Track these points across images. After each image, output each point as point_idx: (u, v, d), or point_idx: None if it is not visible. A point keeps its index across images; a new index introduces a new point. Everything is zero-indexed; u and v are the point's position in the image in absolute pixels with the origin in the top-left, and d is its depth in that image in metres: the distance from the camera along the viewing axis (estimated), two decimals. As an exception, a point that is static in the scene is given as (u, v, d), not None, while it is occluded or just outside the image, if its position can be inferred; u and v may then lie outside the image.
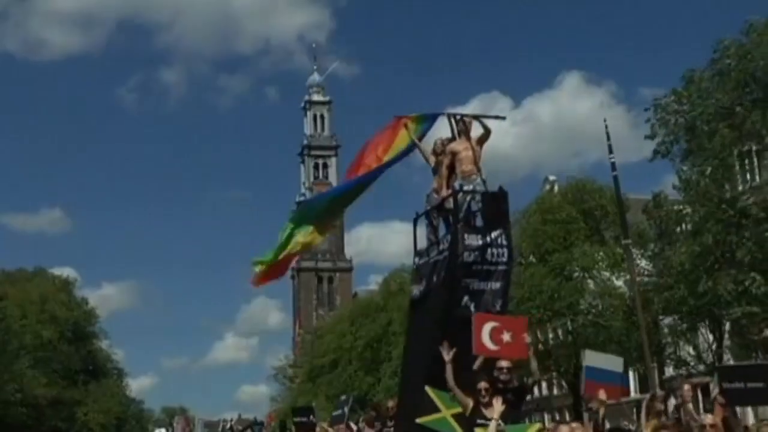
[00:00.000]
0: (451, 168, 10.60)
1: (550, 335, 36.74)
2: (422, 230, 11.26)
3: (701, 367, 27.68)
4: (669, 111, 20.98)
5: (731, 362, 27.98)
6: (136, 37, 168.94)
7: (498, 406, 8.02)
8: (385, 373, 44.35)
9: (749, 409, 20.15)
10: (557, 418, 48.30)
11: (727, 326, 25.20)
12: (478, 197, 10.29)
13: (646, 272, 27.52)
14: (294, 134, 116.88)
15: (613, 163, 20.77)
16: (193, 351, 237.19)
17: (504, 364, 8.60)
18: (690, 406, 9.58)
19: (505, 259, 10.21)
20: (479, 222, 10.31)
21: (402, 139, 11.40)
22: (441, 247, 10.49)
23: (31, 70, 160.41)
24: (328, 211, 12.23)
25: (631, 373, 36.19)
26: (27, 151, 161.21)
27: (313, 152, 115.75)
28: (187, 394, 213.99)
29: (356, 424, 12.90)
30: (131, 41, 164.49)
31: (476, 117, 10.71)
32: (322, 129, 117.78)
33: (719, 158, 20.43)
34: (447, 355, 8.76)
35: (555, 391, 46.47)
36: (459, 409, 8.55)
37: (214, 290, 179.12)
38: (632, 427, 11.89)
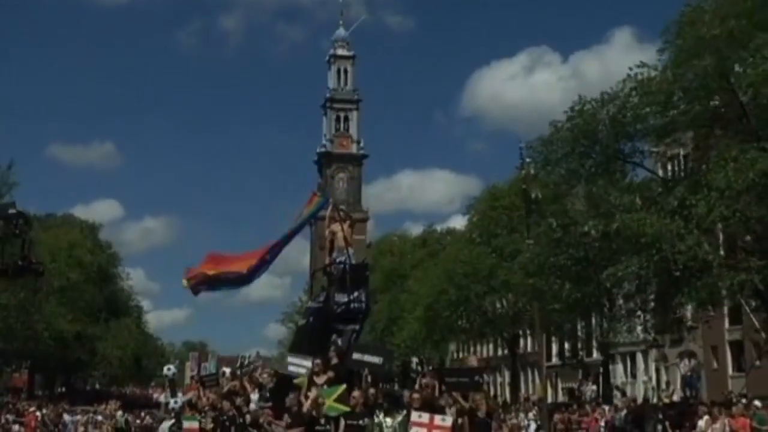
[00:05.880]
0: (332, 242, 15.69)
1: (497, 306, 42.29)
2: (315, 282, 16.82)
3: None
4: (536, 151, 26.92)
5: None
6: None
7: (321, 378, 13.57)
8: (364, 330, 49.97)
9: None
10: (498, 375, 55.41)
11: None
12: (347, 266, 15.23)
13: None
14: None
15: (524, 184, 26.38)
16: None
17: (332, 356, 14.05)
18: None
19: (363, 311, 15.35)
20: (347, 284, 15.13)
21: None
22: (320, 298, 15.82)
23: (93, 11, 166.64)
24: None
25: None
26: (86, 87, 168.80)
27: (335, 105, 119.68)
28: (218, 328, 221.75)
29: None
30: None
31: (348, 215, 16.05)
32: (345, 83, 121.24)
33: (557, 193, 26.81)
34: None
35: (499, 353, 52.64)
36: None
37: (251, 229, 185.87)
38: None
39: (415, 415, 11.82)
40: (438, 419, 11.75)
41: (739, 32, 21.56)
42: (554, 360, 50.98)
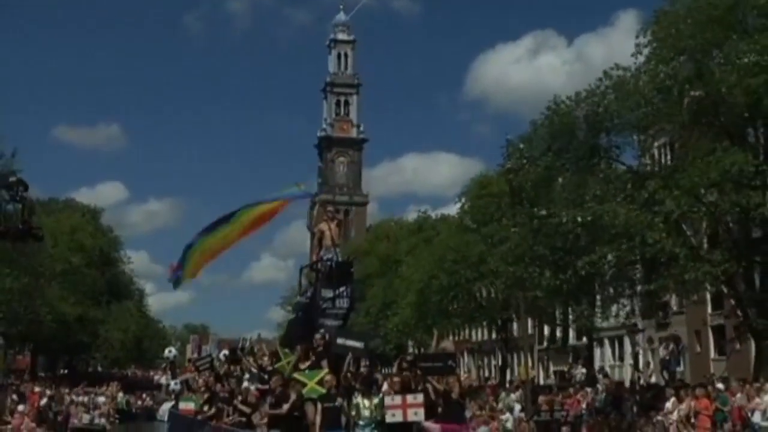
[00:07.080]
0: (320, 241, 16.68)
1: (489, 291, 43.23)
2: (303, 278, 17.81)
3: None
4: (516, 149, 28.23)
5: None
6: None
7: (306, 363, 14.56)
8: (359, 314, 50.96)
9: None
10: (490, 357, 56.55)
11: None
12: (333, 263, 16.28)
13: None
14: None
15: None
16: (230, 270, 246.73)
17: (318, 338, 14.95)
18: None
19: (346, 306, 16.35)
20: (333, 280, 16.21)
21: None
22: (307, 294, 16.94)
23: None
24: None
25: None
26: (93, 70, 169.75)
27: (336, 89, 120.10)
28: (220, 310, 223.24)
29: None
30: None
31: (335, 215, 17.00)
32: (345, 67, 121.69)
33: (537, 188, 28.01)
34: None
35: (493, 336, 53.85)
36: (290, 359, 14.98)
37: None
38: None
39: (388, 399, 12.92)
40: (410, 398, 12.85)
41: (713, 37, 22.46)
42: (545, 344, 52.23)
